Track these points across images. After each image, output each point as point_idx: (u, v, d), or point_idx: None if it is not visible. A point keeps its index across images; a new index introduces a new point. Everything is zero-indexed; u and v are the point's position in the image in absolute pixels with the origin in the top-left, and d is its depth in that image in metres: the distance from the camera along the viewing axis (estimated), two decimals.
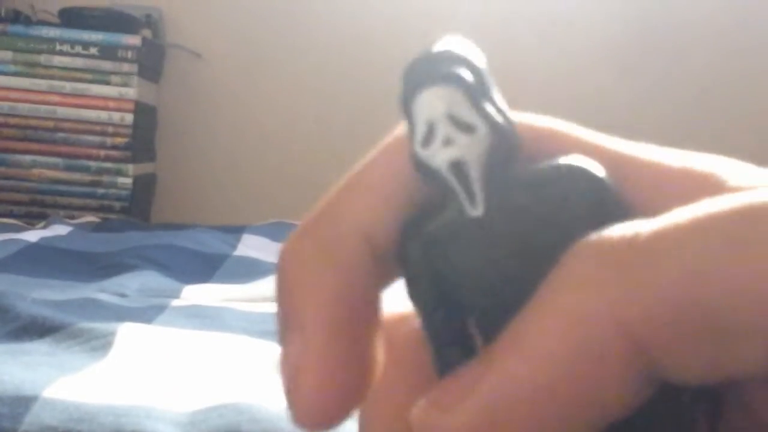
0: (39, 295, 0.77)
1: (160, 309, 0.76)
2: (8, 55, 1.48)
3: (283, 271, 0.16)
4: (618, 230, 0.13)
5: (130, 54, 1.49)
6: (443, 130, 0.14)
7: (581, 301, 0.13)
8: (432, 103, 0.14)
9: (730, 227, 0.12)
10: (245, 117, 1.70)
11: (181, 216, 1.63)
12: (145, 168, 1.58)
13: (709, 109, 1.69)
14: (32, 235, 1.09)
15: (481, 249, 0.14)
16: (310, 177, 1.71)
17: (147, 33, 1.58)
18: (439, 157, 0.14)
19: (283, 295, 0.15)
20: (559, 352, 0.13)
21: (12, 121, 1.48)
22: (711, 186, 0.14)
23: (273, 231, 1.27)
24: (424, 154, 0.14)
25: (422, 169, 0.14)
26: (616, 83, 1.70)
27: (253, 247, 1.15)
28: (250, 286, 0.91)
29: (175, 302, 0.80)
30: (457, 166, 0.14)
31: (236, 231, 1.25)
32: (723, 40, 1.69)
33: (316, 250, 0.15)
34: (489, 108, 0.14)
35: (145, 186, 1.59)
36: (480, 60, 0.14)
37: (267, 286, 0.90)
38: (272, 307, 0.66)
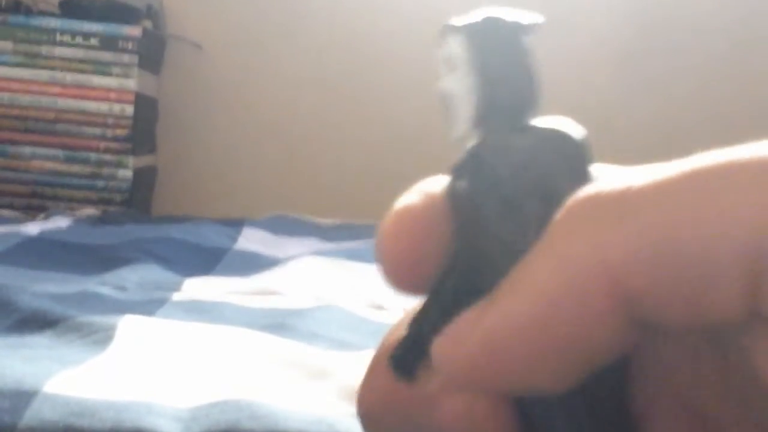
0: (39, 288, 0.77)
1: (160, 302, 0.76)
2: (8, 45, 1.48)
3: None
4: (612, 183, 0.14)
5: (130, 45, 1.48)
6: (441, 67, 0.17)
7: (571, 244, 0.14)
8: (440, 47, 0.17)
9: (710, 180, 0.13)
10: (246, 109, 1.70)
11: (181, 209, 1.62)
12: (145, 160, 1.58)
13: (708, 108, 1.69)
14: (32, 228, 1.09)
15: (476, 179, 0.16)
16: (311, 170, 1.71)
17: (147, 24, 1.58)
18: (438, 86, 0.17)
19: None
20: (549, 290, 0.14)
21: (12, 112, 1.47)
22: None
23: (273, 224, 1.26)
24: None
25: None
26: (614, 81, 1.69)
27: (253, 240, 1.15)
28: (250, 279, 0.91)
29: (175, 295, 0.80)
30: (444, 96, 0.17)
31: (237, 224, 1.25)
32: (723, 38, 1.68)
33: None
34: (481, 55, 0.16)
35: (145, 178, 1.58)
36: (508, 25, 0.17)
37: (267, 279, 0.90)
38: (272, 301, 0.66)
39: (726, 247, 0.13)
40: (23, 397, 0.46)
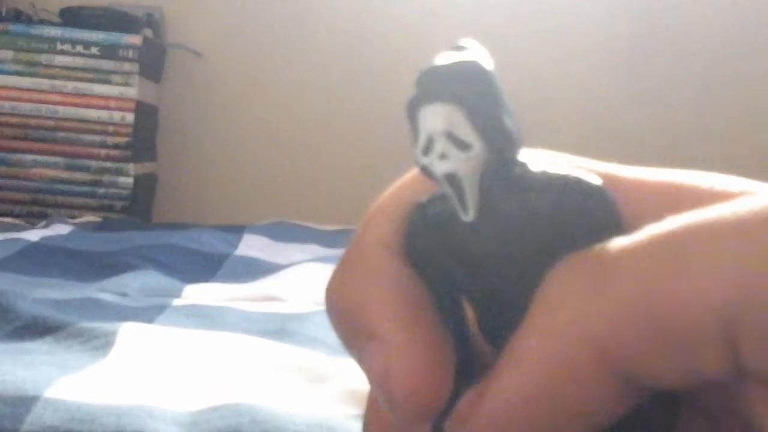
0: (40, 294, 0.77)
1: (161, 308, 0.76)
2: (9, 54, 1.48)
3: (337, 301, 0.18)
4: (594, 250, 0.14)
5: (131, 53, 1.49)
6: (440, 145, 0.15)
7: (554, 318, 0.14)
8: (433, 119, 0.15)
9: (681, 246, 0.13)
10: (246, 116, 1.70)
11: (181, 215, 1.63)
12: (145, 167, 1.58)
13: (709, 109, 1.69)
14: (33, 235, 1.09)
15: (472, 246, 0.16)
16: (311, 176, 1.71)
17: (148, 32, 1.58)
18: (437, 167, 0.15)
19: (347, 318, 0.17)
20: (539, 365, 0.14)
21: (13, 120, 1.48)
22: (688, 195, 0.16)
23: (274, 230, 1.27)
24: (424, 160, 0.15)
25: (424, 172, 0.15)
26: (615, 83, 1.70)
27: (254, 246, 1.15)
28: (251, 285, 0.91)
29: (176, 302, 0.80)
30: (452, 178, 0.15)
31: (237, 230, 1.25)
32: (723, 40, 1.69)
33: (358, 274, 0.17)
34: (489, 124, 0.15)
35: (145, 185, 1.59)
36: (486, 70, 0.15)
37: (268, 285, 0.90)
38: (273, 307, 0.66)
39: (700, 313, 0.13)
40: (24, 402, 0.46)
